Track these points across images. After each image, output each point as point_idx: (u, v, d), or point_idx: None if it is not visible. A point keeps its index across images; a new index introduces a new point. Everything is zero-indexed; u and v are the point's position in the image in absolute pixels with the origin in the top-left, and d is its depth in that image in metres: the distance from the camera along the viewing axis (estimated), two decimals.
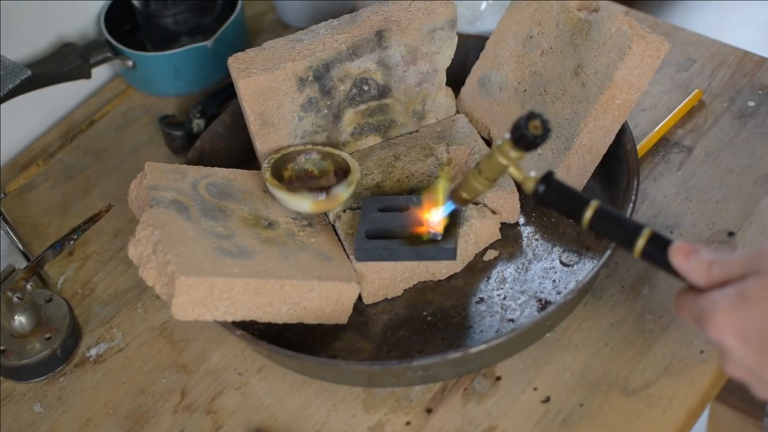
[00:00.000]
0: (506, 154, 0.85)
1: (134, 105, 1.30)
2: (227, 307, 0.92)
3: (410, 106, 1.10)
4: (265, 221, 1.01)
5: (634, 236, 0.79)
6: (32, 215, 1.19)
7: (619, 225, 0.81)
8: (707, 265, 0.76)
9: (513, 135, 0.83)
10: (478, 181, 0.89)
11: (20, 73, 1.15)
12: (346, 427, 0.94)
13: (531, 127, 0.82)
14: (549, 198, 0.83)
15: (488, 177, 0.88)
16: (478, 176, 0.89)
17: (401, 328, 0.99)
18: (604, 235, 0.82)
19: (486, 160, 0.87)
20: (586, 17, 1.02)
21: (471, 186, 0.90)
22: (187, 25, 1.31)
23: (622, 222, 0.81)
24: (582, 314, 0.98)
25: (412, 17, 1.05)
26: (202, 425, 0.97)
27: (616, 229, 0.81)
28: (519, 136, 0.82)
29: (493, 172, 0.87)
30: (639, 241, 0.78)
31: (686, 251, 0.77)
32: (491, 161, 0.87)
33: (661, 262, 0.78)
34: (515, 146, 0.83)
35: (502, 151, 0.85)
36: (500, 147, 0.85)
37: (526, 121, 0.81)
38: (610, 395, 0.91)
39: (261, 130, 1.06)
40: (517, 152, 0.84)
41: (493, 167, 0.87)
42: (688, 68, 1.18)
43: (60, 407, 1.01)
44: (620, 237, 0.80)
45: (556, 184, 0.83)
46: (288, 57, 1.04)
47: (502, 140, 0.85)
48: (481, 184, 0.89)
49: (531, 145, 0.83)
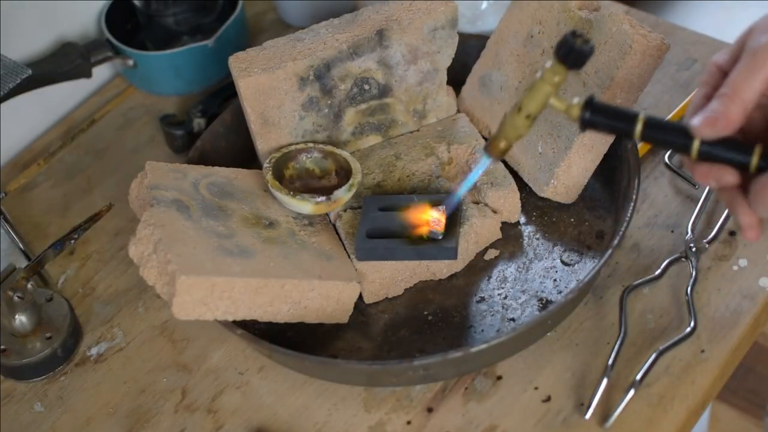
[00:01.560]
0: (551, 80, 0.83)
1: (135, 104, 1.30)
2: (228, 307, 0.92)
3: (411, 106, 1.10)
4: (265, 220, 1.01)
5: (690, 139, 0.79)
6: (33, 215, 1.19)
7: (672, 131, 0.81)
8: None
9: (560, 52, 0.82)
10: (519, 121, 0.86)
11: (21, 73, 1.14)
12: (346, 426, 0.94)
13: (578, 41, 0.81)
14: (596, 121, 0.83)
15: (530, 113, 0.85)
16: (518, 115, 0.86)
17: (402, 328, 0.99)
18: (658, 144, 0.83)
19: (528, 94, 0.85)
20: (587, 16, 1.02)
21: (512, 127, 0.87)
22: (188, 25, 1.31)
23: (674, 127, 0.81)
24: (583, 313, 0.98)
25: (412, 16, 1.05)
26: (203, 425, 0.97)
27: (669, 135, 0.81)
28: (568, 50, 0.81)
29: (537, 104, 0.85)
30: (695, 143, 0.79)
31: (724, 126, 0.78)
32: (535, 92, 0.84)
33: (721, 157, 0.79)
34: (563, 63, 0.82)
35: (546, 78, 0.83)
36: (544, 74, 0.83)
37: (572, 36, 0.81)
38: (610, 395, 0.91)
39: (262, 130, 1.06)
40: (562, 75, 0.83)
41: (536, 98, 0.84)
42: (688, 67, 1.18)
43: (61, 407, 1.01)
44: (675, 142, 0.80)
45: (600, 107, 0.83)
46: (289, 56, 1.04)
47: (543, 69, 0.83)
48: (522, 123, 0.86)
49: (580, 58, 0.81)
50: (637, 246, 1.02)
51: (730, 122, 0.78)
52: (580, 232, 1.03)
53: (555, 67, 0.83)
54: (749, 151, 0.78)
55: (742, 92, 0.77)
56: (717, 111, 0.78)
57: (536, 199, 1.06)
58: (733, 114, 0.77)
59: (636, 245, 1.02)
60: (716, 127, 0.78)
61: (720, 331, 0.95)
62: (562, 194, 1.04)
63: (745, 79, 0.78)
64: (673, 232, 1.03)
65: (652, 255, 1.01)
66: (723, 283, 0.98)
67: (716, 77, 0.82)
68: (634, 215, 1.01)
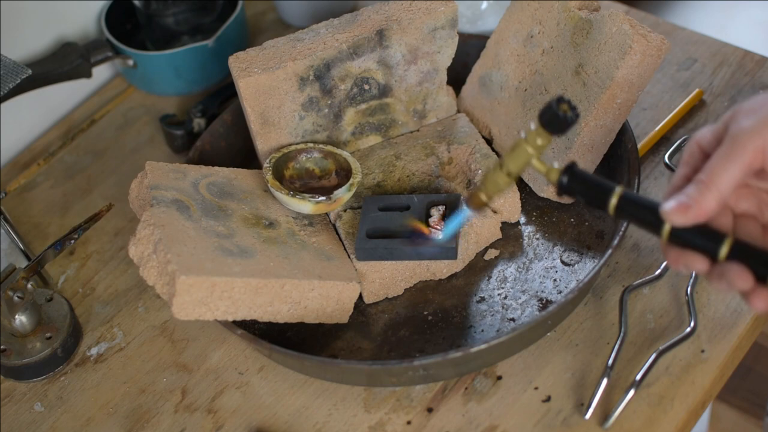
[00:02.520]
0: (533, 143, 0.83)
1: (135, 104, 1.30)
2: (228, 307, 0.92)
3: (411, 106, 1.10)
4: (265, 220, 1.01)
5: (661, 221, 0.77)
6: (33, 215, 1.19)
7: (645, 209, 0.79)
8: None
9: (543, 118, 0.81)
10: (500, 178, 0.86)
11: (21, 73, 1.14)
12: (346, 426, 0.94)
13: (561, 108, 0.81)
14: (573, 187, 0.82)
15: (511, 172, 0.85)
16: (500, 172, 0.86)
17: (402, 328, 0.99)
18: (631, 221, 0.82)
19: (510, 154, 0.85)
20: (587, 16, 1.02)
21: (493, 184, 0.87)
22: (188, 25, 1.31)
23: (648, 206, 0.79)
24: (583, 313, 0.98)
25: (412, 16, 1.05)
26: (203, 425, 0.97)
27: (643, 214, 0.79)
28: (551, 117, 0.81)
29: (518, 164, 0.85)
30: (666, 226, 0.77)
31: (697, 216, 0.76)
32: (516, 153, 0.84)
33: (691, 243, 0.77)
34: (546, 129, 0.82)
35: (529, 140, 0.83)
36: (527, 136, 0.83)
37: (557, 103, 0.81)
38: (610, 395, 0.91)
39: (262, 130, 1.06)
40: (545, 139, 0.83)
41: (518, 159, 0.84)
42: (688, 67, 1.18)
43: (61, 406, 1.01)
44: (647, 222, 0.79)
45: (579, 174, 0.82)
46: (289, 56, 1.04)
47: (526, 131, 0.83)
48: (503, 180, 0.86)
49: (563, 125, 0.81)
50: (637, 246, 1.02)
51: (703, 211, 0.75)
52: (580, 232, 1.03)
53: (538, 131, 0.82)
54: (720, 241, 0.75)
55: (719, 181, 0.74)
56: (691, 198, 0.75)
57: (536, 199, 1.06)
58: (707, 203, 0.74)
59: (636, 245, 1.02)
60: (687, 215, 0.75)
61: (720, 331, 0.95)
62: None
63: (723, 166, 0.74)
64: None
65: (652, 255, 1.01)
66: None
67: (697, 157, 0.79)
68: None
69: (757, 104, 0.76)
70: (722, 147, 0.75)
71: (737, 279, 0.73)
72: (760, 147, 0.74)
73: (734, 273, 0.73)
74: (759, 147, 0.74)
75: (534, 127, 0.83)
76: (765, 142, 0.74)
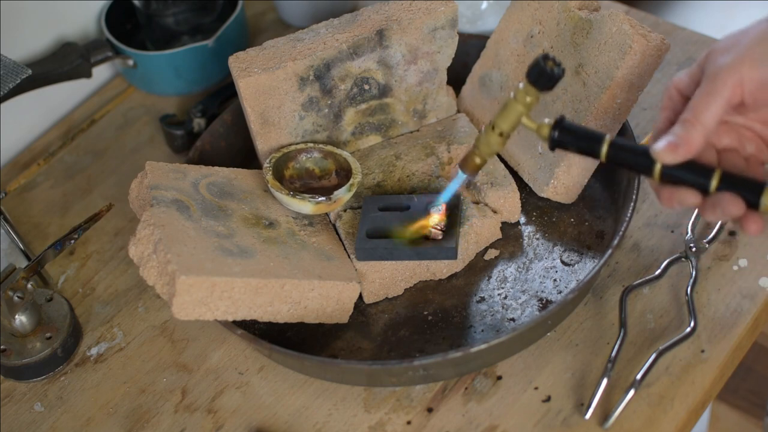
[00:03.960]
0: (523, 100, 0.86)
1: (135, 104, 1.30)
2: (228, 307, 0.92)
3: (411, 106, 1.10)
4: (265, 220, 1.01)
5: (653, 162, 0.81)
6: (33, 215, 1.19)
7: (635, 153, 0.83)
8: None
9: (531, 75, 0.84)
10: (492, 139, 0.89)
11: (21, 73, 1.14)
12: (346, 426, 0.94)
13: (548, 65, 0.83)
14: (564, 140, 0.85)
15: (503, 131, 0.88)
16: (492, 133, 0.88)
17: (402, 328, 0.99)
18: (623, 165, 0.85)
19: (501, 113, 0.88)
20: (587, 16, 1.02)
21: (486, 145, 0.90)
22: (188, 25, 1.31)
23: (638, 150, 0.83)
24: (583, 313, 0.98)
25: (412, 16, 1.05)
26: (203, 425, 0.97)
27: (633, 157, 0.83)
28: (538, 73, 0.84)
29: (509, 123, 0.87)
30: (657, 165, 0.81)
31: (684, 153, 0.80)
32: (507, 112, 0.87)
33: (683, 180, 0.81)
34: (534, 86, 0.85)
35: (518, 98, 0.86)
36: (516, 95, 0.86)
37: (543, 60, 0.83)
38: (610, 395, 0.91)
39: (262, 130, 1.06)
40: (534, 96, 0.85)
41: (508, 118, 0.87)
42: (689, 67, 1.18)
43: (61, 406, 1.01)
44: (638, 164, 0.82)
45: (569, 127, 0.85)
46: (289, 56, 1.04)
47: (515, 89, 0.86)
48: (496, 141, 0.89)
49: (550, 81, 0.84)
50: (637, 246, 1.02)
51: (692, 148, 0.79)
52: (580, 232, 1.03)
53: (527, 88, 0.85)
54: (709, 175, 0.79)
55: (703, 118, 0.79)
56: (678, 136, 0.79)
57: (536, 199, 1.06)
58: (695, 139, 0.79)
59: (636, 245, 1.02)
60: (677, 153, 0.79)
61: (720, 331, 0.95)
62: (562, 194, 1.04)
63: (706, 103, 0.79)
64: (673, 232, 1.03)
65: (652, 255, 1.01)
66: (723, 283, 0.98)
67: (677, 101, 0.83)
68: (634, 215, 1.01)
69: (729, 43, 0.81)
70: (702, 86, 0.80)
71: (730, 206, 0.78)
72: (738, 81, 0.78)
73: (727, 201, 0.78)
74: (737, 81, 0.78)
75: (522, 86, 0.85)
76: (742, 76, 0.78)
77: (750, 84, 0.78)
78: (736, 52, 0.79)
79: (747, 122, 0.83)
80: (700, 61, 0.82)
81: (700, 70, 0.82)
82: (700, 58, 0.83)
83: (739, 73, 0.78)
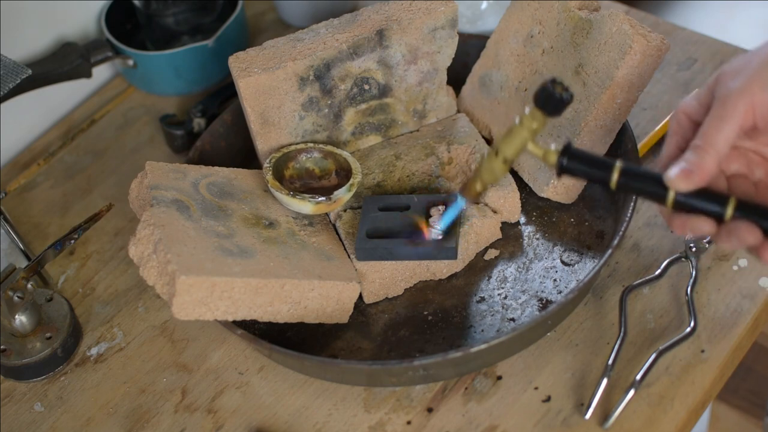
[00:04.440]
0: (529, 126, 0.83)
1: (135, 104, 1.30)
2: (228, 307, 0.92)
3: (411, 106, 1.10)
4: (265, 220, 1.01)
5: (665, 189, 0.79)
6: (33, 215, 1.19)
7: (647, 180, 0.81)
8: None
9: (539, 99, 0.82)
10: (496, 165, 0.87)
11: (21, 73, 1.14)
12: (346, 426, 0.94)
13: (556, 89, 0.81)
14: (573, 167, 0.83)
15: (507, 158, 0.86)
16: (495, 159, 0.86)
17: (402, 328, 0.99)
18: (634, 193, 0.83)
19: (505, 139, 0.85)
20: (587, 16, 1.02)
21: (489, 172, 0.87)
22: (188, 25, 1.31)
23: (650, 177, 0.81)
24: (583, 313, 0.98)
25: (412, 16, 1.05)
26: (203, 425, 0.97)
27: (645, 185, 0.81)
28: (546, 97, 0.81)
29: (513, 149, 0.85)
30: (670, 193, 0.79)
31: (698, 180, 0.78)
32: (511, 138, 0.85)
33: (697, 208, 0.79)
34: (542, 111, 0.82)
35: (524, 124, 0.84)
36: (522, 120, 0.84)
37: (551, 84, 0.81)
38: (610, 395, 0.91)
39: (262, 130, 1.06)
40: (540, 121, 0.83)
41: (513, 144, 0.85)
42: (689, 67, 1.18)
43: (61, 406, 1.01)
44: (650, 192, 0.80)
45: (577, 153, 0.83)
46: (289, 56, 1.04)
47: (521, 115, 0.84)
48: (499, 167, 0.87)
49: (559, 106, 0.81)
50: (637, 246, 1.02)
51: (705, 174, 0.77)
52: (580, 232, 1.03)
53: (533, 113, 0.83)
54: (724, 202, 0.78)
55: (716, 143, 0.77)
56: (692, 163, 0.77)
57: (536, 199, 1.06)
58: (708, 165, 0.77)
59: (636, 245, 1.02)
60: (691, 180, 0.78)
61: (720, 331, 0.95)
62: (562, 194, 1.04)
63: (717, 129, 0.77)
64: (673, 232, 1.03)
65: (652, 255, 1.01)
66: (723, 283, 0.98)
67: (686, 126, 0.81)
68: (634, 215, 1.01)
69: (739, 66, 0.79)
70: (713, 110, 0.78)
71: (747, 235, 0.77)
72: (750, 105, 0.77)
73: (743, 230, 0.77)
74: (749, 105, 0.77)
75: (528, 111, 0.83)
76: (754, 100, 0.77)
77: (761, 107, 0.77)
78: (746, 74, 0.78)
79: (756, 146, 0.82)
80: (709, 85, 0.81)
81: (709, 93, 0.80)
82: (709, 82, 0.81)
83: (750, 97, 0.77)
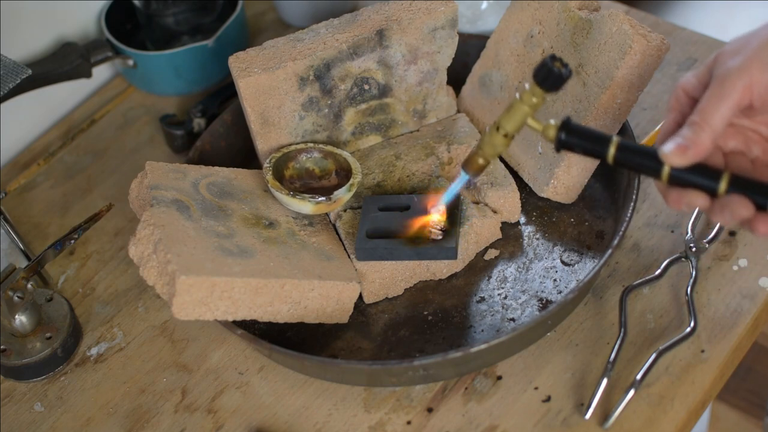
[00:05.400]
0: (529, 101, 0.85)
1: (135, 104, 1.30)
2: (228, 307, 0.92)
3: (411, 106, 1.10)
4: (265, 220, 1.01)
5: (661, 164, 0.80)
6: (33, 215, 1.19)
7: (643, 155, 0.82)
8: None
9: (538, 75, 0.83)
10: (497, 140, 0.88)
11: (21, 73, 1.14)
12: (347, 426, 0.94)
13: (555, 65, 0.83)
14: (571, 142, 0.84)
15: (508, 132, 0.87)
16: (496, 134, 0.88)
17: (402, 328, 0.99)
18: (630, 168, 0.85)
19: (506, 114, 0.87)
20: (586, 16, 1.02)
21: (490, 146, 0.89)
22: (188, 25, 1.31)
23: (646, 152, 0.82)
24: (583, 313, 0.98)
25: (412, 16, 1.05)
26: (203, 425, 0.97)
27: (641, 160, 0.82)
28: (546, 73, 0.83)
29: (514, 124, 0.87)
30: (666, 168, 0.80)
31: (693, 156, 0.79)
32: (512, 113, 0.86)
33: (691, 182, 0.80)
34: (541, 86, 0.84)
35: (524, 99, 0.85)
36: (522, 95, 0.85)
37: (551, 60, 0.83)
38: (610, 395, 0.91)
39: (262, 130, 1.06)
40: (540, 97, 0.85)
41: (514, 118, 0.86)
42: (689, 67, 1.18)
43: (61, 406, 1.01)
44: (646, 166, 0.82)
45: (575, 128, 0.84)
46: (289, 56, 1.04)
47: (521, 90, 0.85)
48: (500, 142, 0.88)
49: (557, 81, 0.83)
50: (637, 246, 1.02)
51: (700, 150, 0.79)
52: (580, 232, 1.03)
53: (533, 89, 0.84)
54: (718, 177, 0.79)
55: (712, 120, 0.78)
56: (687, 139, 0.79)
57: (536, 199, 1.06)
58: (703, 142, 0.79)
59: (636, 245, 1.02)
60: (686, 155, 0.79)
61: (720, 331, 0.95)
62: (562, 194, 1.04)
63: (715, 106, 0.79)
64: (673, 232, 1.03)
65: (652, 255, 1.01)
66: (723, 283, 0.98)
67: (684, 102, 0.83)
68: (634, 215, 1.01)
69: (738, 45, 0.81)
70: (711, 88, 0.80)
71: (740, 208, 0.78)
72: (748, 84, 0.78)
73: (736, 203, 0.78)
74: (746, 84, 0.78)
75: (528, 86, 0.85)
76: (752, 79, 0.78)
77: (759, 87, 0.78)
78: (745, 54, 0.79)
79: (754, 125, 0.83)
80: (708, 63, 0.82)
81: (708, 72, 0.82)
82: (708, 60, 0.82)
83: (749, 76, 0.78)
